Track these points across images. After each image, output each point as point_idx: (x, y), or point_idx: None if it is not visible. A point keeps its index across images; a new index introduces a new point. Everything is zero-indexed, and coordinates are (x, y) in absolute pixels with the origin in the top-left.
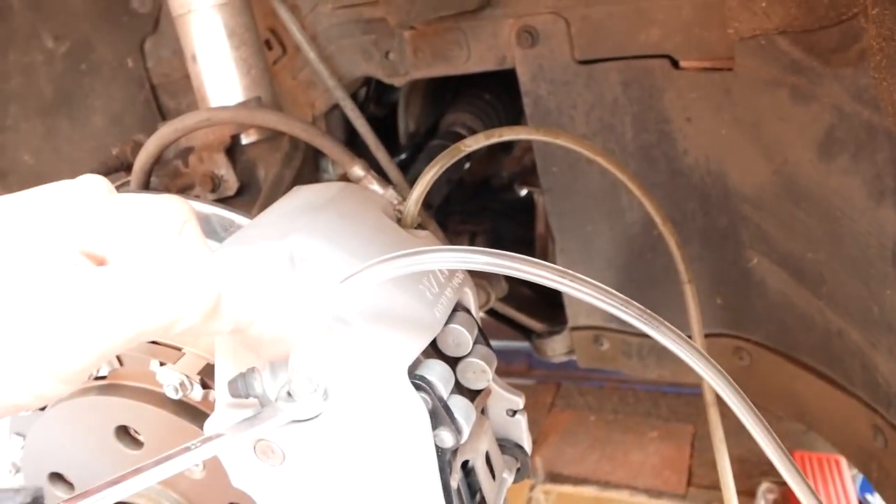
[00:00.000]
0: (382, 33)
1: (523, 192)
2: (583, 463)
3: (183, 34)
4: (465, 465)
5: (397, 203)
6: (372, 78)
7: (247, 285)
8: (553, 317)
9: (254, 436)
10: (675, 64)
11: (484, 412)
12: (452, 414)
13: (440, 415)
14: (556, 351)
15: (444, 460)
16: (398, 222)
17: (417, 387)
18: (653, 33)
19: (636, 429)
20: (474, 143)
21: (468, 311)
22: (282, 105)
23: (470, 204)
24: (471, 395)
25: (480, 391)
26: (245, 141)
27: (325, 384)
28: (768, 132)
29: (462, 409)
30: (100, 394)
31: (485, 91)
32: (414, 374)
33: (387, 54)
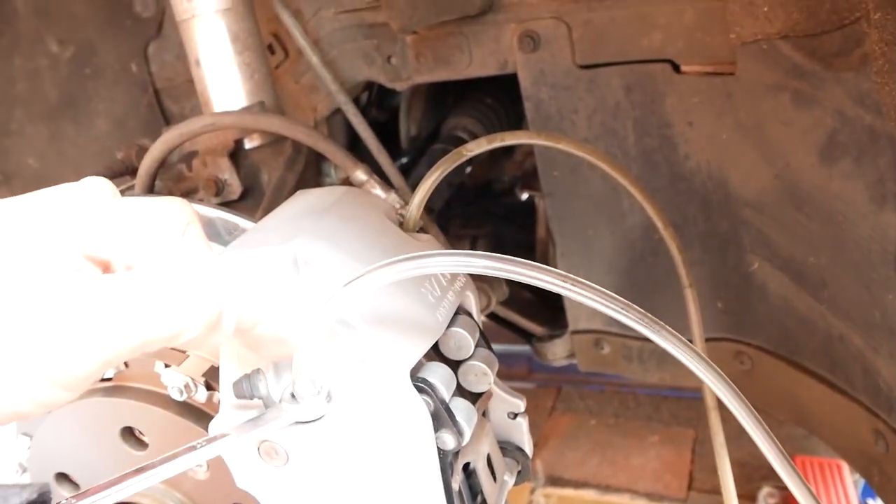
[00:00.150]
0: (384, 38)
1: (524, 196)
2: (583, 467)
3: (187, 39)
4: (467, 467)
5: (399, 207)
6: (374, 82)
7: (250, 287)
8: (554, 320)
9: (258, 436)
10: (677, 68)
11: (485, 415)
12: (454, 416)
13: (442, 417)
14: (556, 354)
15: (446, 462)
16: (400, 226)
17: (419, 389)
18: (655, 38)
19: (637, 433)
20: (476, 147)
21: (470, 315)
22: (284, 109)
23: (471, 208)
24: (472, 398)
25: (482, 394)
26: (248, 145)
27: (329, 386)
28: (770, 136)
29: (463, 411)
30: (105, 395)
31: (486, 95)
32: (416, 376)
33: (389, 59)
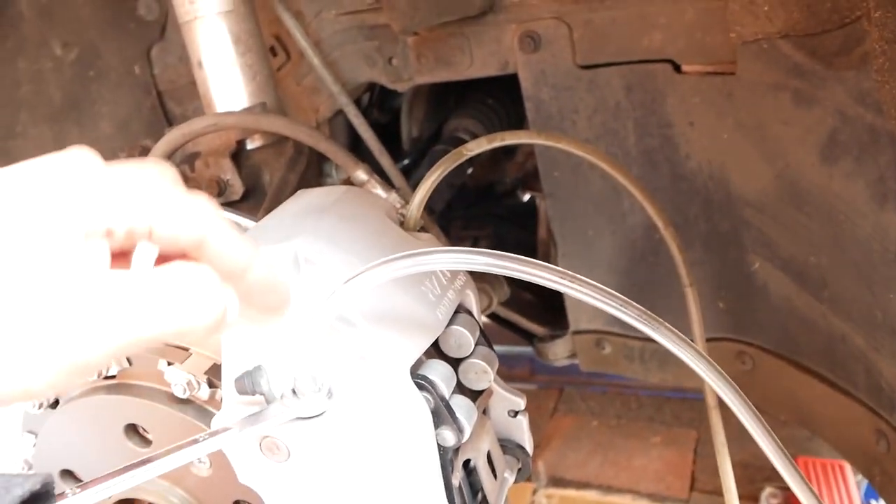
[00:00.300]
0: (386, 39)
1: (525, 197)
2: (585, 467)
3: (189, 41)
4: (467, 465)
5: (400, 207)
6: (375, 84)
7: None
8: (555, 321)
9: (259, 432)
10: (678, 68)
11: (486, 413)
12: (454, 413)
13: (442, 414)
14: (558, 355)
15: (446, 459)
16: (401, 225)
17: (420, 386)
18: (655, 38)
19: (639, 434)
20: (476, 147)
21: (470, 313)
22: (286, 111)
23: (472, 209)
24: (472, 396)
25: (482, 392)
26: (250, 146)
27: (330, 383)
28: (771, 136)
29: (464, 408)
30: (109, 393)
31: (487, 96)
32: (416, 373)
33: (390, 60)
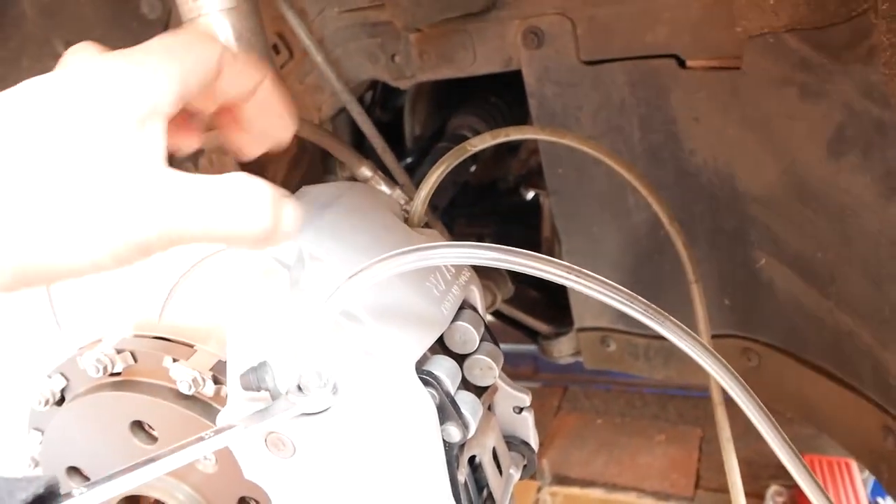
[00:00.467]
0: (388, 36)
1: (529, 194)
2: (590, 465)
3: None
4: (473, 461)
5: (404, 203)
6: (378, 81)
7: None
8: (559, 318)
9: (265, 428)
10: (683, 63)
11: (491, 409)
12: (459, 409)
13: (447, 410)
14: (562, 352)
15: (452, 455)
16: (405, 222)
17: (425, 382)
18: (660, 33)
19: (643, 432)
20: (480, 142)
21: (475, 309)
22: None
23: (476, 207)
24: (477, 392)
25: (487, 388)
26: None
27: (335, 379)
28: (777, 131)
29: (469, 404)
30: (115, 389)
31: (491, 94)
32: (421, 369)
33: (393, 57)
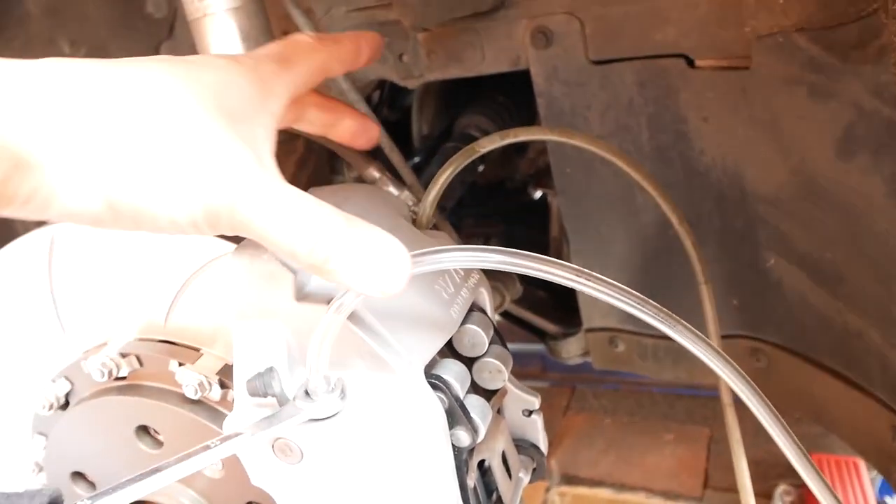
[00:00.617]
0: (396, 36)
1: (537, 194)
2: (598, 465)
3: (198, 38)
4: (482, 465)
5: (412, 204)
6: (386, 81)
7: None
8: (568, 319)
9: (272, 434)
10: (691, 63)
11: (500, 412)
12: (469, 413)
13: (457, 414)
14: (570, 353)
15: (461, 459)
16: (413, 223)
17: (434, 386)
18: (668, 32)
19: (652, 431)
20: (489, 143)
21: (484, 312)
22: None
23: (484, 206)
24: (487, 395)
25: (496, 391)
26: None
27: (343, 384)
28: (786, 131)
29: (478, 408)
30: (120, 394)
31: (499, 93)
32: (430, 373)
33: (401, 57)
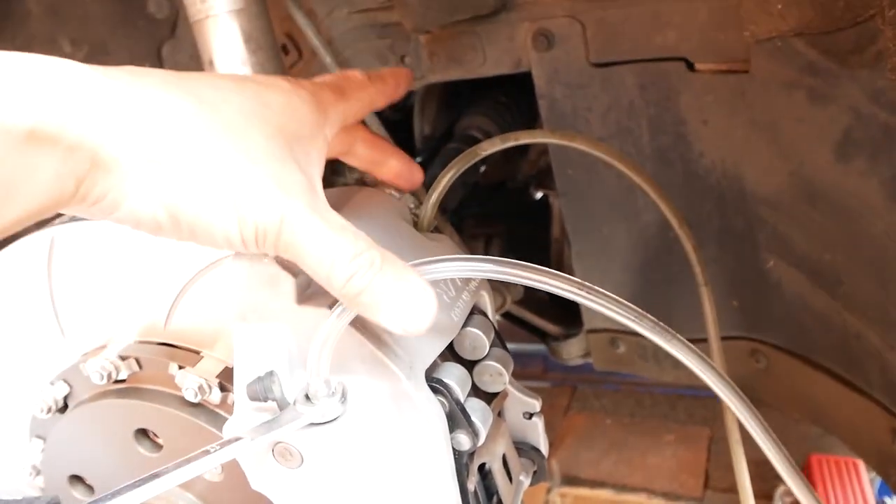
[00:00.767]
0: (398, 37)
1: (539, 195)
2: (599, 466)
3: (200, 39)
4: (482, 468)
5: (414, 207)
6: None
7: None
8: (569, 320)
9: (272, 438)
10: (691, 66)
11: (501, 415)
12: (469, 417)
13: (457, 417)
14: (571, 354)
15: (461, 463)
16: (415, 226)
17: (435, 390)
18: (668, 36)
19: (653, 432)
20: (490, 146)
21: (485, 315)
22: None
23: (485, 207)
24: (487, 398)
25: (497, 394)
26: None
27: (343, 387)
28: (785, 134)
29: (479, 411)
30: (119, 397)
31: (500, 94)
32: (431, 377)
33: (402, 58)
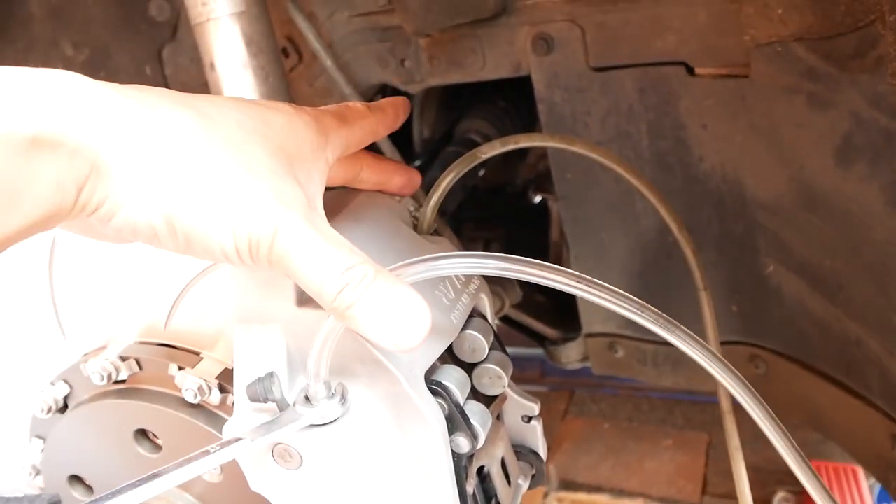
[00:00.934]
0: (398, 41)
1: (538, 198)
2: (597, 470)
3: (202, 42)
4: (481, 471)
5: (413, 209)
6: (387, 85)
7: None
8: (567, 324)
9: (272, 440)
10: (691, 71)
11: (499, 418)
12: (468, 419)
13: (456, 420)
14: (570, 358)
15: (460, 466)
16: (414, 229)
17: (434, 392)
18: (668, 40)
19: (650, 437)
20: (490, 149)
21: (484, 317)
22: None
23: (484, 211)
24: (486, 401)
25: (496, 397)
26: None
27: (343, 389)
28: (785, 139)
29: (478, 414)
30: (119, 397)
31: (499, 98)
32: (430, 379)
33: (402, 62)
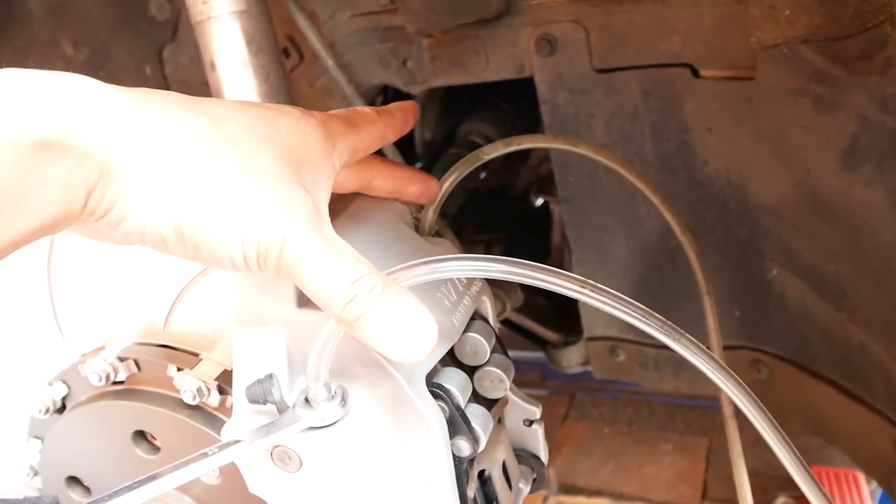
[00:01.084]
0: (400, 41)
1: (539, 201)
2: (597, 475)
3: (202, 41)
4: (482, 475)
5: (415, 211)
6: (389, 86)
7: None
8: (568, 327)
9: (271, 442)
10: (696, 73)
11: (501, 422)
12: (470, 423)
13: (458, 423)
14: (571, 362)
15: (461, 469)
16: (416, 230)
17: (435, 395)
18: (674, 42)
19: (651, 441)
20: (492, 150)
21: (486, 320)
22: None
23: (485, 213)
24: (488, 404)
25: (497, 400)
26: None
27: (343, 391)
28: (790, 142)
29: (479, 417)
30: (117, 398)
31: (502, 100)
32: (432, 382)
33: (404, 62)
